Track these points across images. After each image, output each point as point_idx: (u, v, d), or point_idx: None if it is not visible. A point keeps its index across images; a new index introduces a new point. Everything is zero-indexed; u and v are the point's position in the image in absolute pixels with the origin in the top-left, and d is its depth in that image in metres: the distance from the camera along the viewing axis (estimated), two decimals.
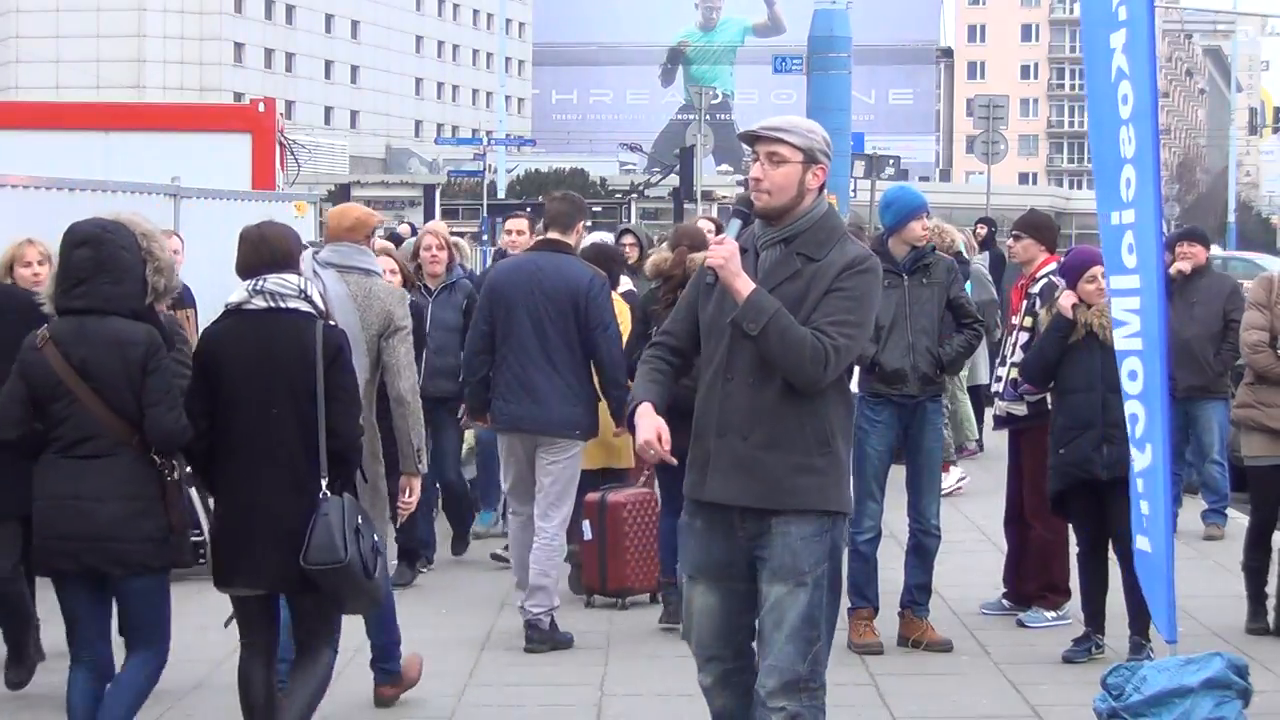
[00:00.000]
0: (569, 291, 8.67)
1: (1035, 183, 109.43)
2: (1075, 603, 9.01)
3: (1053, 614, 9.11)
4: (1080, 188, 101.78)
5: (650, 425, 5.29)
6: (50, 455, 6.08)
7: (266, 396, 6.10)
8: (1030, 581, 9.25)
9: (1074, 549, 8.82)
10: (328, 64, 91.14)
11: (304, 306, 6.20)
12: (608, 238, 11.71)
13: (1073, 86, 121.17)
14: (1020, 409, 9.11)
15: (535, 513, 8.70)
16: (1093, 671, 7.61)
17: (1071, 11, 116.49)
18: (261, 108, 16.35)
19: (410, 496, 7.25)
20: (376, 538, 6.29)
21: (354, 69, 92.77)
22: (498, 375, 8.75)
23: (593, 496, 9.47)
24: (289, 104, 76.24)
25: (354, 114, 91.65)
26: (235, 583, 6.28)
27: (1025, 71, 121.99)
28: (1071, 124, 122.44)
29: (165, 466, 6.12)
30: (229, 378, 6.15)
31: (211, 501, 6.49)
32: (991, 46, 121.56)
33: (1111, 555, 8.35)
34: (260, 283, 6.21)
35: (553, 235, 8.91)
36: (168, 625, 6.30)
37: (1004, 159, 46.17)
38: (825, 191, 5.42)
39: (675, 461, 5.37)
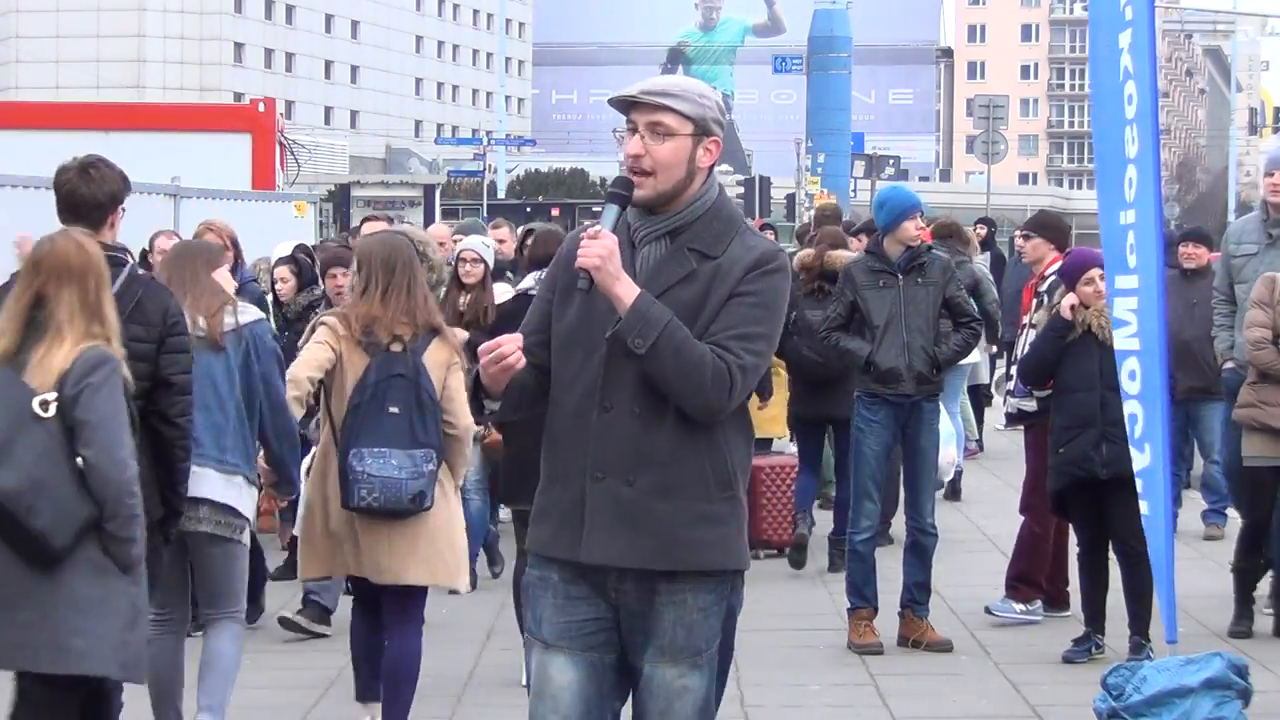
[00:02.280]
0: None
1: (1035, 183, 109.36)
2: (1073, 604, 9.02)
3: (1021, 607, 9.13)
4: (1080, 188, 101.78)
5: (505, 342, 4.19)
6: None
7: None
8: (1009, 567, 9.26)
9: (1073, 549, 8.82)
10: (328, 64, 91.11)
11: None
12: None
13: (1073, 86, 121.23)
14: (1030, 405, 9.12)
15: None
16: (1093, 671, 7.61)
17: (1071, 11, 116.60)
18: (261, 108, 16.40)
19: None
20: None
21: (354, 69, 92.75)
22: None
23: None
24: (289, 104, 76.23)
25: (354, 114, 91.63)
26: (519, 501, 7.30)
27: (1025, 71, 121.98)
28: (1071, 124, 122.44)
29: None
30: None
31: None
32: (991, 46, 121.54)
33: (1111, 555, 8.35)
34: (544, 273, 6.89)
35: None
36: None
37: (1004, 159, 46.21)
38: (716, 170, 4.39)
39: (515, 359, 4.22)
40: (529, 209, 37.92)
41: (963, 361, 10.24)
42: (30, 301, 5.18)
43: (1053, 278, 9.16)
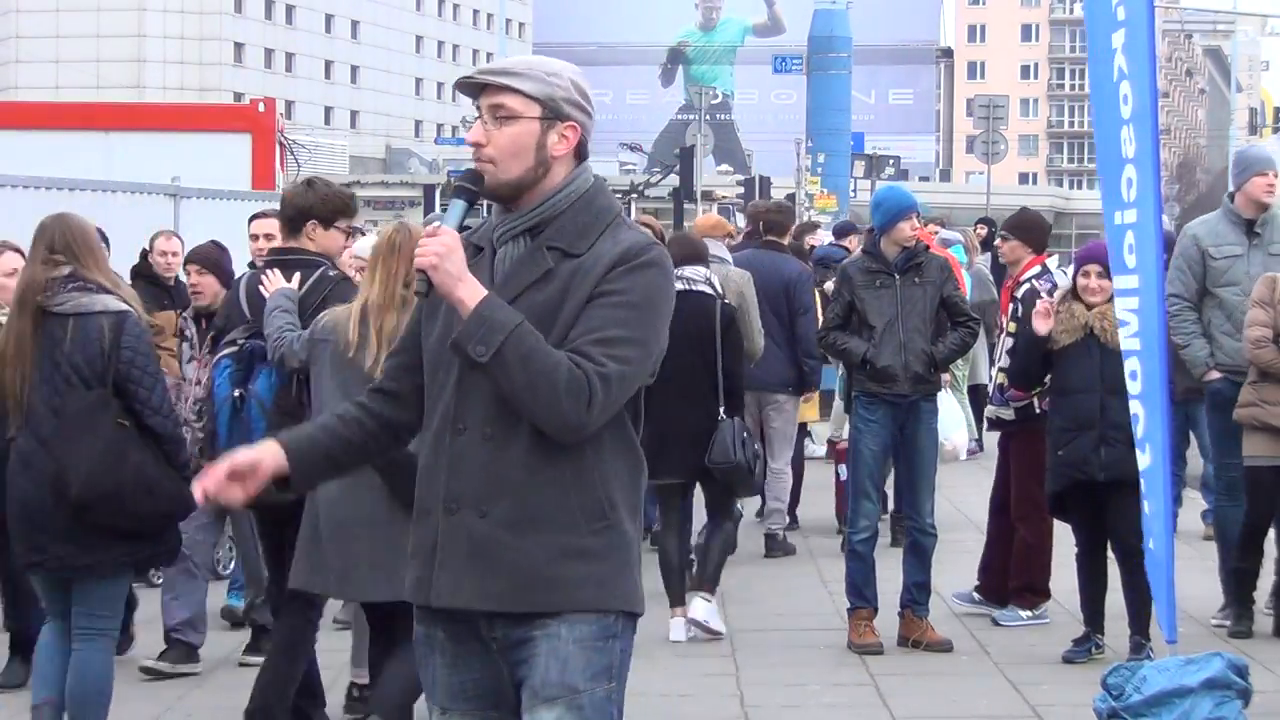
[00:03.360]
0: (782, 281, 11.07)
1: (1035, 183, 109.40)
2: (1072, 604, 9.03)
3: (1028, 613, 9.14)
4: (1080, 188, 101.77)
5: (216, 472, 3.76)
6: None
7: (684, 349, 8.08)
8: (1011, 580, 9.26)
9: (1068, 549, 8.82)
10: (328, 64, 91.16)
11: (707, 290, 8.81)
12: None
13: (1073, 86, 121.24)
14: (1007, 413, 9.15)
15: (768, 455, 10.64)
16: (1093, 671, 7.61)
17: (1071, 11, 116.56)
18: (261, 108, 16.39)
19: None
20: (757, 445, 8.83)
21: (354, 69, 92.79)
22: None
23: (843, 445, 10.62)
24: (289, 104, 76.24)
25: (354, 114, 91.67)
26: (661, 475, 7.93)
27: (1025, 71, 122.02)
28: (1071, 124, 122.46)
29: None
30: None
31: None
32: (991, 46, 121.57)
33: (1111, 556, 8.35)
34: (679, 272, 8.22)
35: (770, 237, 11.47)
36: None
37: (1004, 159, 46.25)
38: (586, 159, 3.87)
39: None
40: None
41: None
42: (403, 281, 6.03)
43: (1027, 285, 9.17)
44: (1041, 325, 8.23)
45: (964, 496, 13.10)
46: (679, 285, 8.05)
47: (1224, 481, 9.36)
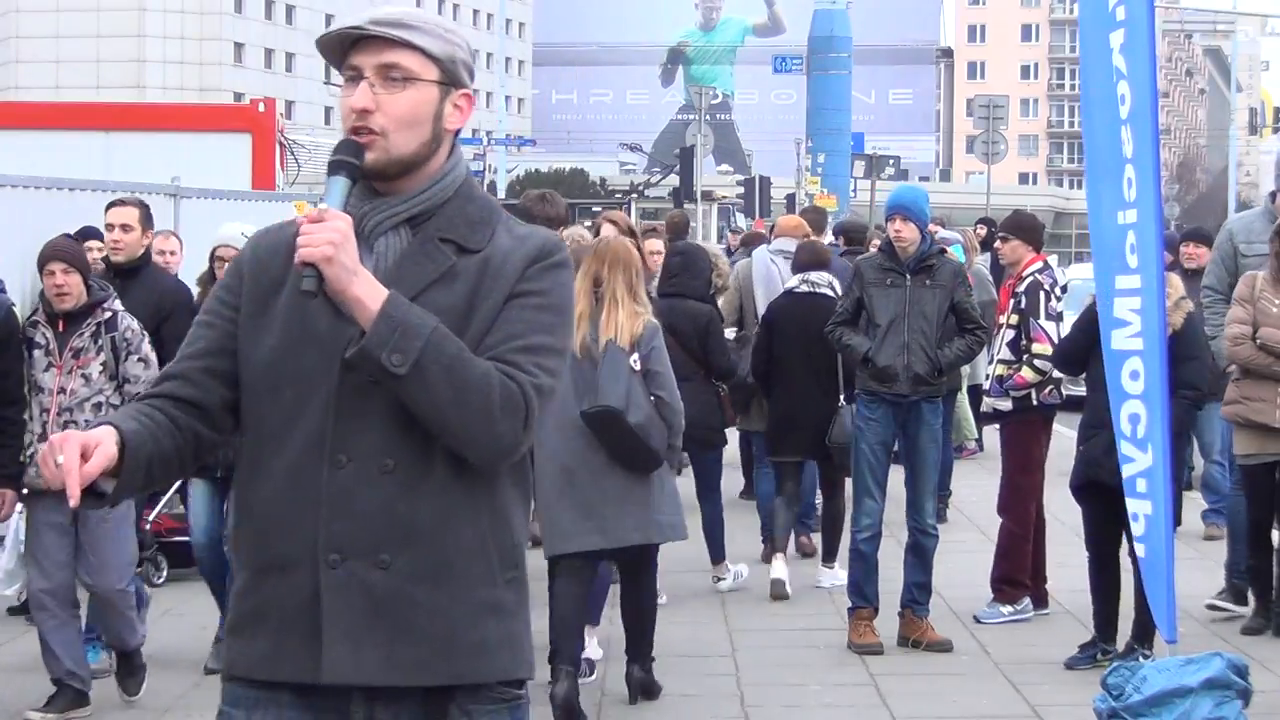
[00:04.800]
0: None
1: (1035, 183, 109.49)
2: (1074, 604, 9.03)
3: (1009, 609, 9.14)
4: (1080, 188, 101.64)
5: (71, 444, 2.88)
6: None
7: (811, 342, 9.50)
8: (993, 570, 9.27)
9: (1053, 547, 8.82)
10: (328, 64, 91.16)
11: (829, 292, 9.82)
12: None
13: (1073, 86, 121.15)
14: (1005, 404, 9.17)
15: None
16: (1093, 672, 7.62)
17: (1071, 11, 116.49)
18: (261, 108, 16.37)
19: None
20: None
21: None
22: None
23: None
24: (289, 104, 76.22)
25: None
26: (784, 453, 9.91)
27: (1025, 71, 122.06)
28: (1071, 124, 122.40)
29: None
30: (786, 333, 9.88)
31: None
32: (991, 46, 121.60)
33: (1125, 560, 8.33)
34: (805, 275, 10.04)
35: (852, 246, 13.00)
36: None
37: (1004, 159, 46.21)
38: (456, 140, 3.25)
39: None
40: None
41: None
42: (592, 282, 7.28)
43: (1030, 279, 9.18)
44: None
45: (964, 496, 13.10)
46: (804, 288, 9.98)
47: (1239, 472, 9.38)
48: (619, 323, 7.22)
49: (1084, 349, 8.34)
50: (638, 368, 7.22)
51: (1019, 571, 9.20)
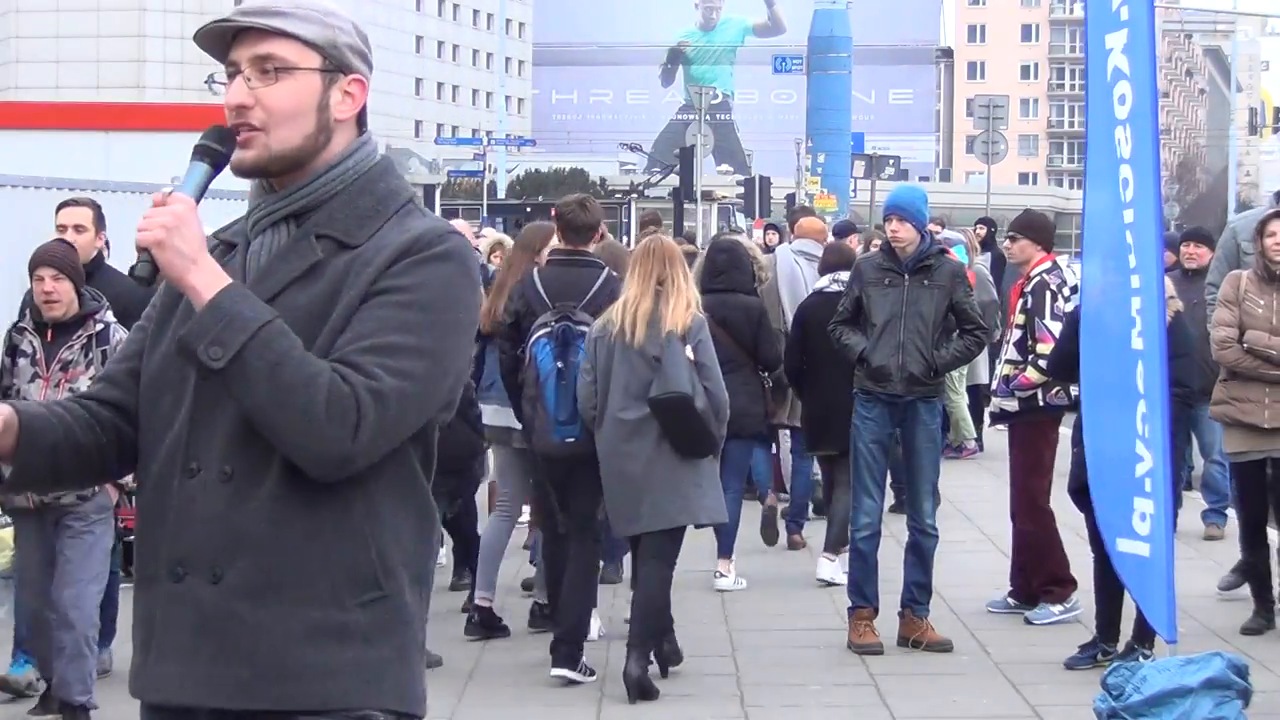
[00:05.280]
0: None
1: (1035, 183, 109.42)
2: (1087, 603, 9.03)
3: (1059, 608, 9.09)
4: (1080, 188, 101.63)
5: None
6: None
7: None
8: (1033, 578, 9.25)
9: (1074, 550, 8.82)
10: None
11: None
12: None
13: (1073, 86, 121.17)
14: (1012, 405, 9.15)
15: None
16: (1093, 672, 7.62)
17: (1071, 11, 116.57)
18: None
19: None
20: None
21: None
22: None
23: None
24: None
25: None
26: (823, 446, 10.10)
27: (1025, 71, 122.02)
28: (1071, 124, 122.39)
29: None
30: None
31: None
32: (991, 46, 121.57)
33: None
34: (835, 275, 10.02)
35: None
36: None
37: (1004, 159, 46.23)
38: (366, 128, 3.06)
39: None
40: (529, 209, 37.91)
41: None
42: (655, 280, 7.73)
43: (1038, 279, 9.18)
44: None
45: (964, 496, 13.10)
46: (834, 287, 9.76)
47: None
48: (675, 315, 7.67)
49: (1074, 354, 8.34)
50: (691, 358, 7.66)
51: (1060, 570, 9.13)
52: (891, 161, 48.89)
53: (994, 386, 9.53)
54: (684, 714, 7.52)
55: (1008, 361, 9.17)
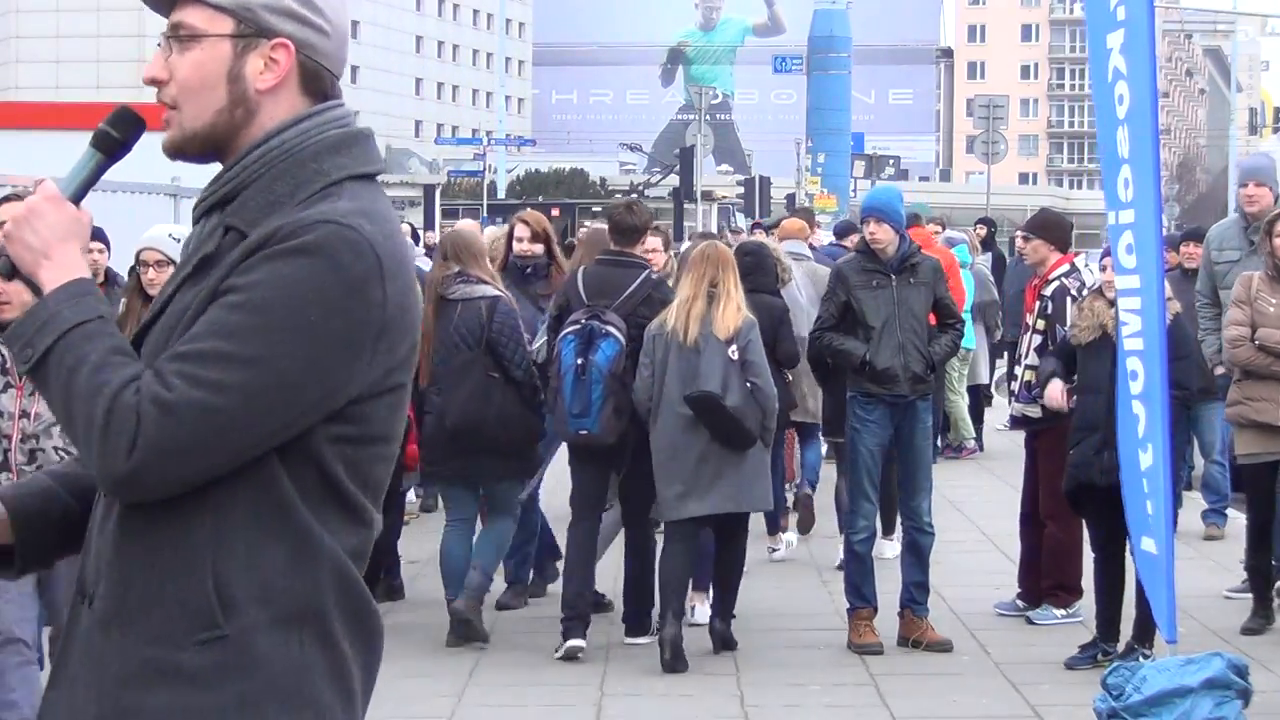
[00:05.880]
0: None
1: (1035, 183, 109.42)
2: (1078, 606, 9.03)
3: (1062, 612, 9.09)
4: (1080, 188, 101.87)
5: None
6: None
7: None
8: (1043, 579, 9.24)
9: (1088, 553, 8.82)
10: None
11: None
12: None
13: (1073, 86, 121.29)
14: (1035, 411, 9.08)
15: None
16: (1093, 672, 7.62)
17: (1071, 11, 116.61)
18: None
19: None
20: None
21: (354, 69, 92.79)
22: None
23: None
24: None
25: (354, 114, 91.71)
26: (841, 434, 9.75)
27: (1025, 71, 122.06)
28: (1071, 124, 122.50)
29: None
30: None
31: None
32: (991, 46, 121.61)
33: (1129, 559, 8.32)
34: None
35: None
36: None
37: (1004, 159, 46.24)
38: (329, 98, 2.72)
39: None
40: (529, 209, 38.02)
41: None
42: (709, 282, 8.18)
43: (1056, 283, 9.15)
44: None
45: (963, 496, 13.11)
46: None
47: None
48: (725, 318, 8.15)
49: (1071, 353, 8.37)
50: (735, 358, 8.12)
51: (1071, 577, 9.11)
52: (891, 161, 48.97)
53: (1016, 391, 9.50)
54: (684, 714, 7.52)
55: (1028, 366, 9.10)
